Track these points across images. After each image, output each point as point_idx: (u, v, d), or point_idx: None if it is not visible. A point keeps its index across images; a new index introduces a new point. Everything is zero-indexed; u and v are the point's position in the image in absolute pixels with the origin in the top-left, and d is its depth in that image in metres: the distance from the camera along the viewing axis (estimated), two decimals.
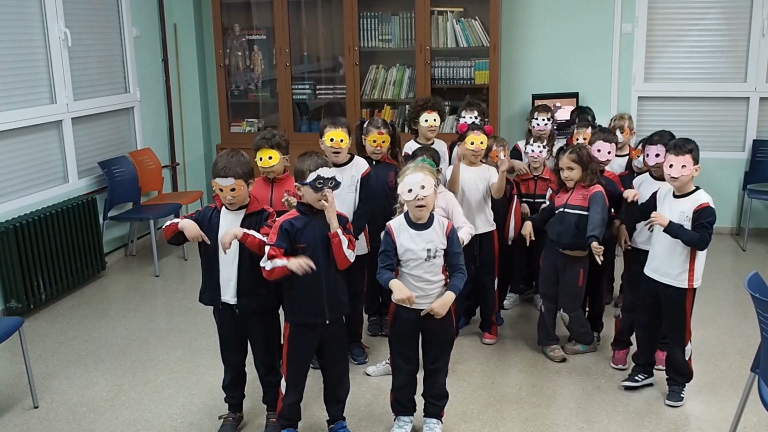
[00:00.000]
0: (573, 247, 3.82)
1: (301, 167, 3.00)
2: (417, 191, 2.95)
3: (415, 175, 2.96)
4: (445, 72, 6.08)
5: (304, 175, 2.97)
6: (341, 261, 3.02)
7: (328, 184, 2.94)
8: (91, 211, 5.29)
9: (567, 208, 3.82)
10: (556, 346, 4.00)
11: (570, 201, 3.82)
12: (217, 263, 3.09)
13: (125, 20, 5.93)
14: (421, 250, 3.00)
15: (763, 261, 5.55)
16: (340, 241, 2.97)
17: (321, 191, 2.93)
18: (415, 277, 3.03)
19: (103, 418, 3.50)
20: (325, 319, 3.04)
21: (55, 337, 4.43)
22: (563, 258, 3.88)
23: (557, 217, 3.86)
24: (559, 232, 3.83)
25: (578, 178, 3.80)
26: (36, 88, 5.05)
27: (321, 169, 2.94)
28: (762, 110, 6.11)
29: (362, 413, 3.47)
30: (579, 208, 3.77)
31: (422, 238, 3.01)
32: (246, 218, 3.06)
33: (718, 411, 3.44)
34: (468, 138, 3.94)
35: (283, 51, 6.15)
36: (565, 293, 3.92)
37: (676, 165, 3.26)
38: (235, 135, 6.42)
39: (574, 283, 3.88)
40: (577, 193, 3.81)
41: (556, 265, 3.92)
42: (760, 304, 2.61)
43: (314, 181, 2.93)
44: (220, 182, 2.98)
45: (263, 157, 3.51)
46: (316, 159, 3.01)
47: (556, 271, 3.93)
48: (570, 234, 3.78)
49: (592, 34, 6.18)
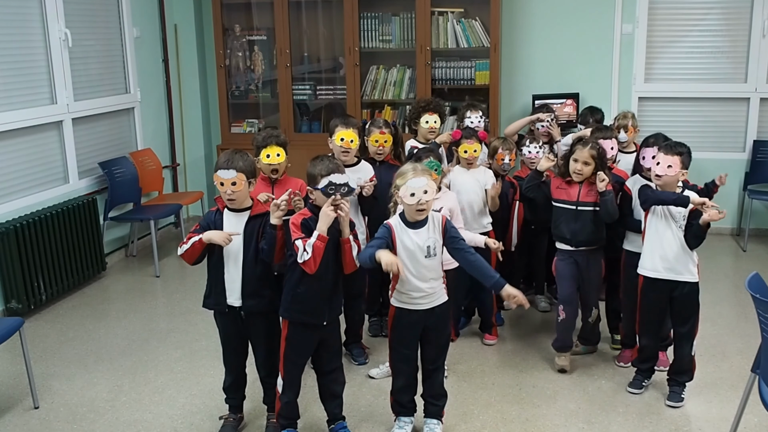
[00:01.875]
0: (591, 243, 3.76)
1: (313, 171, 3.01)
2: (420, 196, 2.94)
3: (418, 180, 2.95)
4: (445, 72, 6.08)
5: (315, 179, 2.97)
6: (349, 265, 3.04)
7: (340, 190, 2.93)
8: (92, 211, 5.29)
9: (581, 206, 3.71)
10: (567, 355, 3.88)
11: (582, 198, 3.72)
12: (222, 266, 3.09)
13: (126, 21, 5.93)
14: (421, 247, 3.00)
15: (763, 261, 5.55)
16: (351, 246, 2.99)
17: (333, 197, 2.92)
18: (417, 276, 3.02)
19: (104, 418, 3.50)
20: (323, 321, 3.06)
21: (56, 338, 4.44)
22: (583, 255, 3.78)
23: (570, 215, 3.74)
24: (574, 230, 3.73)
25: (589, 175, 3.69)
26: (36, 89, 5.05)
27: (333, 175, 2.93)
28: (762, 111, 6.10)
29: (362, 413, 3.47)
30: (593, 204, 3.70)
31: (420, 236, 3.02)
32: (250, 220, 3.06)
33: (718, 411, 3.44)
34: (461, 147, 3.96)
35: (284, 51, 6.15)
36: (593, 288, 3.87)
37: (662, 163, 3.27)
38: (235, 135, 6.42)
39: (599, 276, 3.87)
40: (588, 189, 3.72)
41: (577, 268, 3.79)
42: (760, 304, 2.61)
43: (326, 188, 2.92)
44: (221, 175, 2.98)
45: (271, 153, 3.50)
46: (327, 164, 3.00)
47: (578, 275, 3.80)
48: (588, 231, 3.71)
49: (592, 34, 6.17)
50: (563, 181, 3.80)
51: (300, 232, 2.93)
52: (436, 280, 3.08)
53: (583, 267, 3.80)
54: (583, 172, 3.69)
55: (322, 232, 2.88)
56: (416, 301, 3.06)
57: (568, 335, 3.87)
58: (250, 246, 3.05)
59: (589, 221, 3.71)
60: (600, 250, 3.82)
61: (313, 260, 2.88)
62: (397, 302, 3.11)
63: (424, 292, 3.05)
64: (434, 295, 3.08)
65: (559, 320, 3.86)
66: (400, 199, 3.00)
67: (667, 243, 3.38)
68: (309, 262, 2.88)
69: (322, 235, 2.88)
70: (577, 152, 3.70)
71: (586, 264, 3.80)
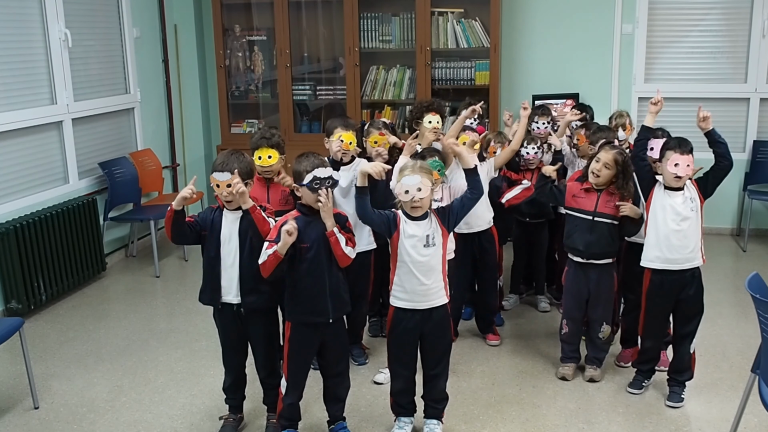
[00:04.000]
0: (603, 257, 3.62)
1: (298, 168, 3.02)
2: (413, 193, 2.97)
3: (413, 177, 2.98)
4: (445, 73, 6.08)
5: (301, 176, 2.98)
6: (341, 259, 3.03)
7: (325, 183, 2.94)
8: (92, 211, 5.29)
9: (598, 217, 3.58)
10: (573, 365, 3.80)
11: (600, 208, 3.58)
12: (218, 263, 3.09)
13: (125, 21, 5.93)
14: (421, 236, 3.03)
15: (763, 262, 5.54)
16: (337, 239, 2.98)
17: (318, 191, 2.93)
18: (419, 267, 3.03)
19: (104, 418, 3.50)
20: (328, 318, 3.05)
21: (56, 338, 4.44)
22: (595, 268, 3.64)
23: (585, 226, 3.60)
24: (588, 242, 3.58)
25: (607, 181, 3.56)
26: (36, 89, 5.05)
27: (317, 169, 2.95)
28: (762, 111, 6.11)
29: (362, 414, 3.47)
30: (611, 217, 3.57)
31: (420, 227, 3.05)
32: (245, 216, 3.06)
33: (718, 412, 3.44)
34: (460, 138, 3.96)
35: (284, 52, 6.15)
36: (604, 304, 3.69)
37: (682, 164, 3.26)
38: (235, 136, 6.42)
39: (610, 291, 3.71)
40: (607, 199, 3.58)
41: (587, 279, 3.67)
42: (760, 304, 2.61)
43: (311, 182, 2.93)
44: (217, 177, 2.99)
45: (262, 156, 3.51)
46: (312, 159, 3.02)
47: (586, 287, 3.68)
48: (603, 243, 3.58)
49: (592, 34, 6.18)
50: (581, 188, 3.66)
51: (276, 233, 2.94)
52: (436, 274, 3.07)
53: (593, 281, 3.67)
54: (601, 174, 3.55)
55: (279, 251, 2.89)
56: (413, 298, 3.06)
57: (573, 347, 3.82)
58: (245, 243, 3.05)
59: (606, 233, 3.58)
60: (613, 265, 3.68)
61: (264, 268, 2.93)
62: (395, 300, 3.10)
63: (425, 286, 3.04)
64: (433, 294, 3.07)
65: (562, 333, 3.82)
66: (397, 193, 3.03)
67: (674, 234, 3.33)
68: (261, 265, 2.93)
69: (277, 253, 2.89)
70: (602, 153, 3.57)
71: (597, 278, 3.66)
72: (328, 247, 2.99)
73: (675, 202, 3.34)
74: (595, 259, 3.63)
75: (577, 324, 3.76)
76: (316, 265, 2.98)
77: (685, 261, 3.37)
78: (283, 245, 2.88)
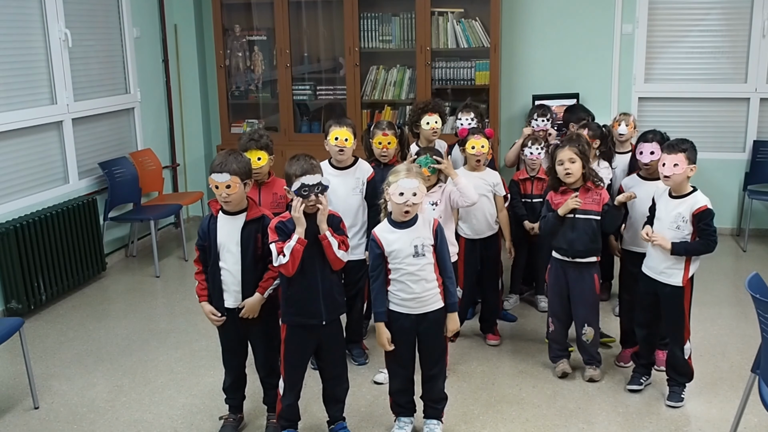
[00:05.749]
0: (587, 254, 3.62)
1: (288, 171, 2.99)
2: (408, 197, 2.95)
3: (410, 181, 2.96)
4: (445, 73, 6.08)
5: (291, 180, 2.96)
6: (334, 263, 3.02)
7: (314, 190, 2.92)
8: (92, 211, 5.29)
9: (579, 214, 3.59)
10: (565, 361, 3.81)
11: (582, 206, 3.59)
12: (218, 270, 3.09)
13: (125, 21, 5.94)
14: (408, 246, 3.00)
15: (763, 262, 5.55)
16: (330, 243, 2.97)
17: (307, 198, 2.91)
18: (410, 277, 3.01)
19: (104, 418, 3.50)
20: (321, 320, 3.04)
21: (56, 338, 4.44)
22: (575, 267, 3.65)
23: (567, 224, 3.61)
24: (571, 240, 3.60)
25: (579, 174, 3.58)
26: (36, 89, 5.05)
27: (304, 177, 2.91)
28: (762, 111, 6.10)
29: (362, 414, 3.47)
30: (593, 213, 3.58)
31: (408, 235, 3.02)
32: (246, 225, 3.06)
33: (718, 412, 3.44)
34: (469, 143, 3.96)
35: (284, 52, 6.15)
36: (584, 304, 3.68)
37: (668, 163, 3.27)
38: (235, 136, 6.38)
39: (591, 291, 3.67)
40: (586, 196, 3.60)
41: (566, 278, 3.68)
42: (760, 304, 2.61)
43: (299, 190, 2.91)
44: (215, 178, 2.98)
45: (252, 158, 3.49)
46: (303, 164, 2.96)
47: (566, 286, 3.69)
48: (585, 240, 3.58)
49: (592, 34, 6.17)
50: (557, 193, 3.68)
51: (276, 235, 2.93)
52: (429, 282, 3.05)
53: (573, 280, 3.67)
54: (572, 171, 3.57)
55: (301, 236, 2.88)
56: (407, 304, 3.05)
57: (561, 345, 3.83)
58: (248, 250, 3.05)
59: (588, 230, 3.59)
60: (595, 265, 3.66)
61: (291, 263, 2.89)
62: (391, 305, 3.09)
63: (415, 294, 3.03)
64: (427, 300, 3.05)
65: (549, 331, 3.85)
66: (389, 196, 3.00)
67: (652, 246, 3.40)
68: (287, 265, 2.90)
69: (301, 239, 2.88)
70: (559, 155, 3.60)
71: (576, 277, 3.66)
72: (320, 249, 2.98)
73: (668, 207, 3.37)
74: (580, 257, 3.64)
75: (562, 322, 3.78)
76: (309, 267, 2.97)
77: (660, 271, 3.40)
78: (302, 229, 2.87)
